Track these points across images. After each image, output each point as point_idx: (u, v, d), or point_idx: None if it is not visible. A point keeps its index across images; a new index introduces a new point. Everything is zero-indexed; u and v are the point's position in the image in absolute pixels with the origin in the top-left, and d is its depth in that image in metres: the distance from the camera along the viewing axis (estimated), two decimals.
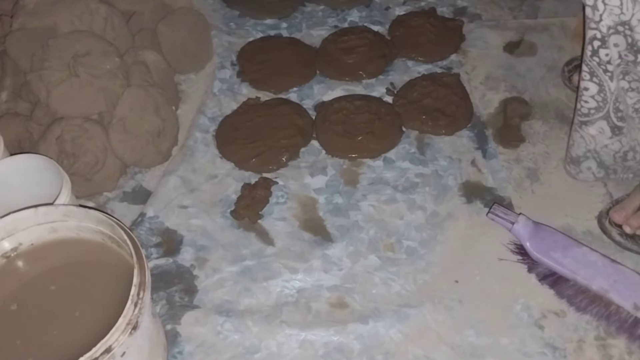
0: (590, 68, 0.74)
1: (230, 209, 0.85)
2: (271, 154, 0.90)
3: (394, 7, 1.15)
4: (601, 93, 0.75)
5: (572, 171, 0.86)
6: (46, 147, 0.83)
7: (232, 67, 1.05)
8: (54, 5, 0.90)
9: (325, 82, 1.02)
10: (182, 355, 0.71)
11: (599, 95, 0.75)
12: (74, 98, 0.84)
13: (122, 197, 0.87)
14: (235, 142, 0.92)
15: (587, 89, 0.76)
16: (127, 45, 0.94)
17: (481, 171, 0.90)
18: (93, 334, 0.51)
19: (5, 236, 0.61)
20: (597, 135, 0.79)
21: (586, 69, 0.74)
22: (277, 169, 0.90)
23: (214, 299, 0.76)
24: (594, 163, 0.82)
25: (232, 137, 0.93)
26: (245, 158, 0.90)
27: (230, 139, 0.93)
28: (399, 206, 0.85)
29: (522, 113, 0.97)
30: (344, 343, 0.72)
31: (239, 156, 0.91)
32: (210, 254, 0.80)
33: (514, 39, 1.09)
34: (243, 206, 0.85)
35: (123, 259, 0.61)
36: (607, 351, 0.71)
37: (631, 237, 0.80)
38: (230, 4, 1.16)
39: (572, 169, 0.86)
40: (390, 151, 0.92)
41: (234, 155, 0.91)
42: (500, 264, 0.79)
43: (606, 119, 0.77)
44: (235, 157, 0.91)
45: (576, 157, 0.84)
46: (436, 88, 0.98)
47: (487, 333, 0.72)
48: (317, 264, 0.79)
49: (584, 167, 0.84)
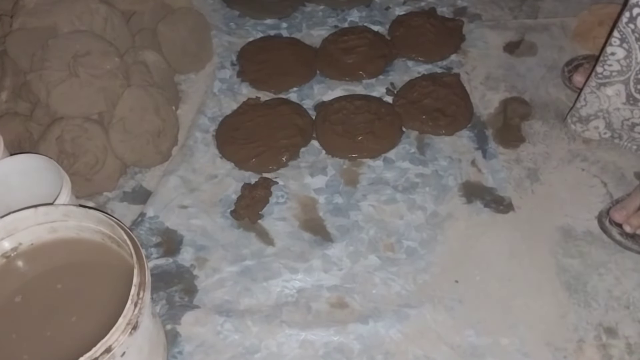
0: (623, 34, 0.76)
1: (230, 209, 0.85)
2: (271, 154, 0.90)
3: (394, 7, 1.15)
4: (627, 59, 0.77)
5: (577, 129, 0.89)
6: (46, 147, 0.83)
7: (232, 67, 1.05)
8: (54, 5, 0.90)
9: (325, 82, 1.02)
10: (182, 355, 0.71)
11: (624, 61, 0.77)
12: (74, 98, 0.84)
13: (122, 197, 0.87)
14: (235, 142, 0.92)
15: (614, 53, 0.78)
16: (127, 45, 0.94)
17: (481, 171, 0.90)
18: (93, 333, 0.51)
19: (5, 236, 0.61)
20: (613, 96, 0.81)
21: (618, 35, 0.76)
22: (277, 169, 0.90)
23: (214, 299, 0.76)
24: (603, 123, 0.85)
25: (232, 137, 0.93)
26: (245, 158, 0.90)
27: (230, 139, 0.93)
28: (399, 206, 0.85)
29: (522, 113, 0.97)
30: (344, 343, 0.72)
31: (239, 156, 0.91)
32: (210, 254, 0.80)
33: (514, 39, 1.09)
34: (243, 206, 0.85)
35: (123, 259, 0.61)
36: (607, 351, 0.71)
37: (631, 236, 0.80)
38: (230, 4, 1.16)
39: (578, 127, 0.88)
40: (390, 151, 0.92)
41: (234, 155, 0.91)
42: (500, 264, 0.79)
43: (625, 84, 0.79)
44: (235, 157, 0.91)
45: (586, 116, 0.86)
46: (436, 88, 0.98)
47: (487, 333, 0.72)
48: (317, 264, 0.79)
49: (592, 126, 0.86)
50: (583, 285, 0.77)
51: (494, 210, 0.85)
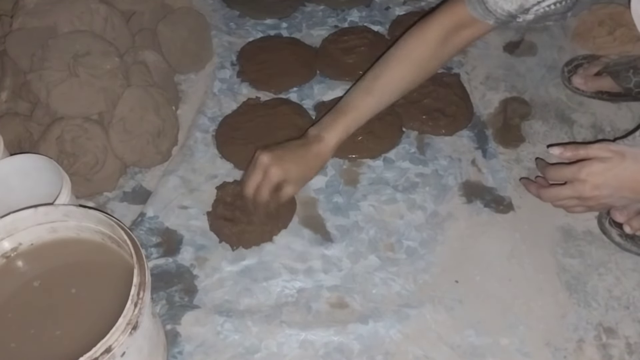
0: None
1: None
2: None
3: (394, 7, 1.15)
4: None
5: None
6: (46, 147, 0.82)
7: (232, 67, 1.05)
8: (54, 5, 0.90)
9: (325, 82, 1.02)
10: (182, 355, 0.71)
11: None
12: (74, 98, 0.84)
13: (122, 197, 0.87)
14: (235, 143, 0.92)
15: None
16: (127, 45, 0.94)
17: (481, 171, 0.90)
18: (93, 334, 0.51)
19: (5, 236, 0.61)
20: None
21: None
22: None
23: (214, 299, 0.76)
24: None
25: (232, 138, 0.93)
26: (246, 159, 0.90)
27: (230, 140, 0.92)
28: (399, 206, 0.85)
29: (522, 113, 0.97)
30: (344, 343, 0.72)
31: (239, 157, 0.90)
32: (210, 254, 0.80)
33: (514, 39, 1.09)
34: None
35: (123, 259, 0.61)
36: (607, 351, 0.71)
37: (631, 237, 0.79)
38: (230, 4, 1.16)
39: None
40: (390, 151, 0.92)
41: (234, 156, 0.91)
42: (501, 264, 0.79)
43: None
44: (235, 158, 0.91)
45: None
46: (436, 88, 0.98)
47: (487, 333, 0.72)
48: (317, 264, 0.79)
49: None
50: (583, 285, 0.77)
51: (494, 210, 0.85)
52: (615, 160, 0.71)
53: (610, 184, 0.71)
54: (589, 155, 0.72)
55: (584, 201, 0.74)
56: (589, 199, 0.73)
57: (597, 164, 0.71)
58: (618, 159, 0.71)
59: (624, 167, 0.70)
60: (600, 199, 0.73)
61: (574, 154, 0.74)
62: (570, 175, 0.74)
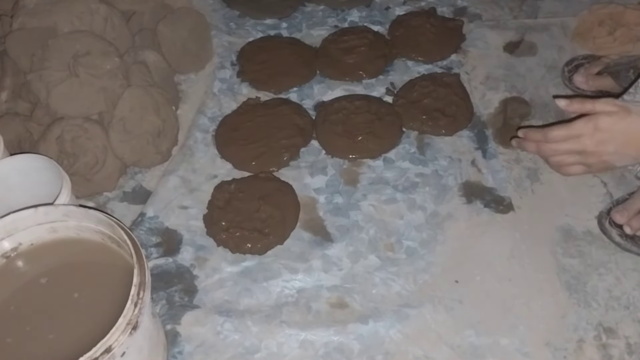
0: None
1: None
2: (271, 154, 0.90)
3: (394, 7, 1.15)
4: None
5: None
6: (46, 147, 0.82)
7: (232, 67, 1.05)
8: (54, 5, 0.90)
9: (325, 82, 1.02)
10: (182, 355, 0.71)
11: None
12: (74, 98, 0.84)
13: (122, 197, 0.87)
14: (235, 143, 0.92)
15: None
16: (127, 45, 0.94)
17: (481, 171, 0.90)
18: (93, 334, 0.51)
19: (5, 236, 0.61)
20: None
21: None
22: (277, 170, 0.90)
23: (214, 299, 0.76)
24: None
25: (232, 138, 0.93)
26: (246, 159, 0.90)
27: (230, 140, 0.92)
28: (399, 206, 0.85)
29: (522, 113, 0.97)
30: (344, 343, 0.72)
31: (239, 158, 0.90)
32: (210, 254, 0.80)
33: (514, 39, 1.09)
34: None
35: (123, 259, 0.61)
36: (607, 351, 0.71)
37: (631, 238, 0.79)
38: (230, 4, 1.16)
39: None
40: (390, 151, 0.92)
41: (234, 156, 0.91)
42: (501, 264, 0.79)
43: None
44: (235, 158, 0.91)
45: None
46: (436, 88, 0.98)
47: (487, 333, 0.72)
48: (317, 264, 0.79)
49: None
50: (583, 285, 0.77)
51: (494, 210, 0.85)
52: (621, 114, 0.68)
53: (616, 140, 0.68)
54: (595, 109, 0.69)
55: (584, 157, 0.71)
56: (591, 155, 0.70)
57: (605, 118, 0.68)
58: (624, 113, 0.67)
59: (630, 121, 0.67)
60: (602, 155, 0.69)
61: (581, 107, 0.70)
62: (576, 129, 0.70)
